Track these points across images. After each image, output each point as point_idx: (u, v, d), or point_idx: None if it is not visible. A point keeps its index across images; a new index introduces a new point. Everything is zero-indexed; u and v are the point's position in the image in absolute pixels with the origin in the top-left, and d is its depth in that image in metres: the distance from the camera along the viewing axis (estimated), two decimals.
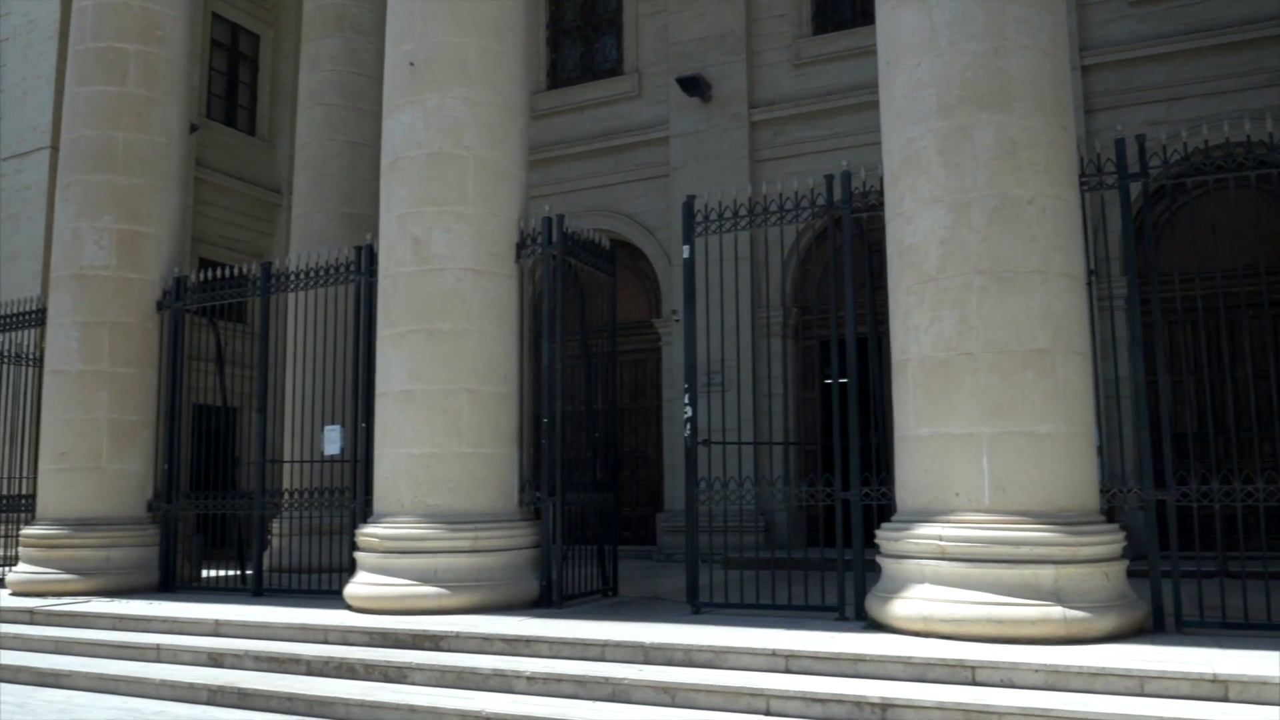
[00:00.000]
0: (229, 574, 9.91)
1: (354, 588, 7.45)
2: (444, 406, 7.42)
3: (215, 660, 6.56)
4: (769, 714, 4.95)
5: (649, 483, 13.18)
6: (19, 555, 9.32)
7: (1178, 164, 6.17)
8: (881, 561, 6.21)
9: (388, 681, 5.92)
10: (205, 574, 10.06)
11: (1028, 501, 5.67)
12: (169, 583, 9.37)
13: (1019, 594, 5.48)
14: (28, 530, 9.29)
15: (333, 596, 8.06)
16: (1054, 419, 5.75)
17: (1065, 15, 6.27)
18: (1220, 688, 4.56)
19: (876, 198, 6.80)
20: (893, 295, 6.36)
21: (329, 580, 8.55)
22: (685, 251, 7.30)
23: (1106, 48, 11.39)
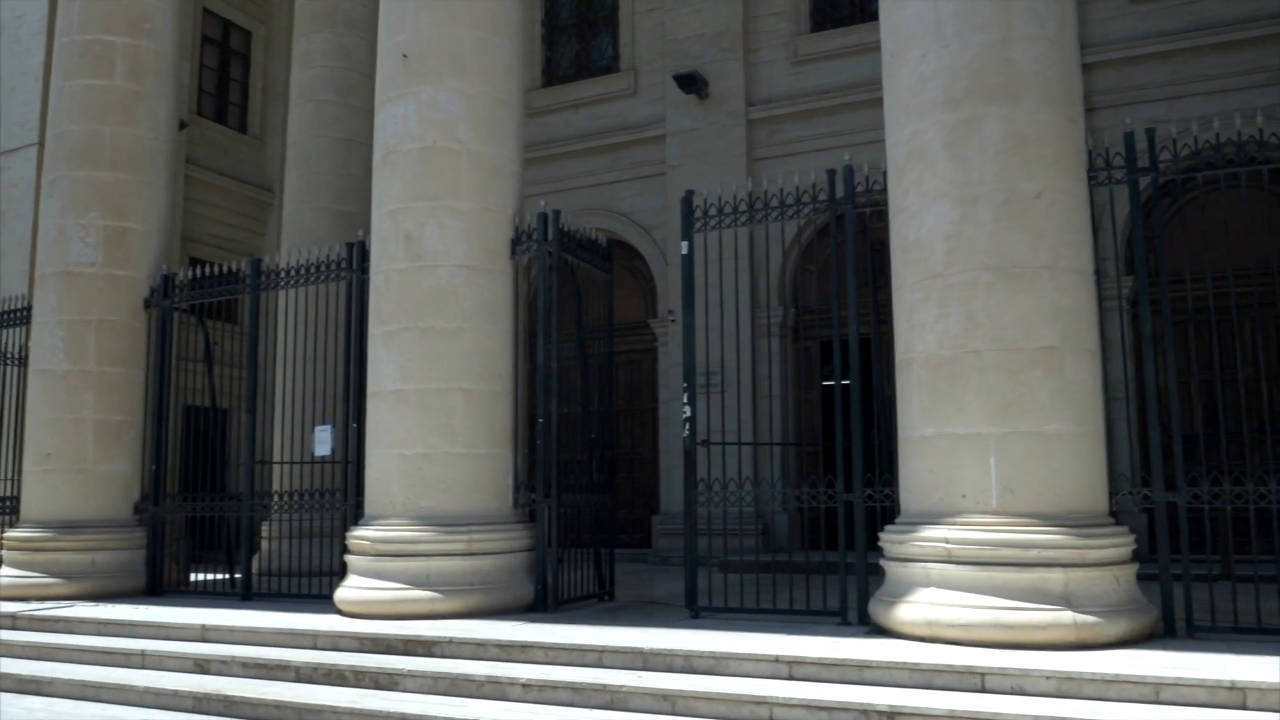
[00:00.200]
0: (218, 578, 9.71)
1: (344, 592, 7.28)
2: (437, 406, 7.25)
3: (201, 666, 6.38)
4: None
5: (645, 485, 13.03)
6: (2, 559, 9.13)
7: (1188, 158, 6.04)
8: (885, 565, 6.06)
9: (379, 689, 5.74)
10: (194, 577, 9.86)
11: (1036, 503, 5.53)
12: (156, 587, 9.18)
13: (1028, 598, 5.34)
14: (11, 533, 9.10)
15: (323, 601, 7.88)
16: (1063, 418, 5.61)
17: (1074, 5, 6.13)
18: (1238, 695, 4.42)
19: (880, 194, 6.67)
20: (897, 292, 6.22)
21: (320, 584, 8.37)
22: (684, 248, 7.15)
23: (1107, 45, 11.27)
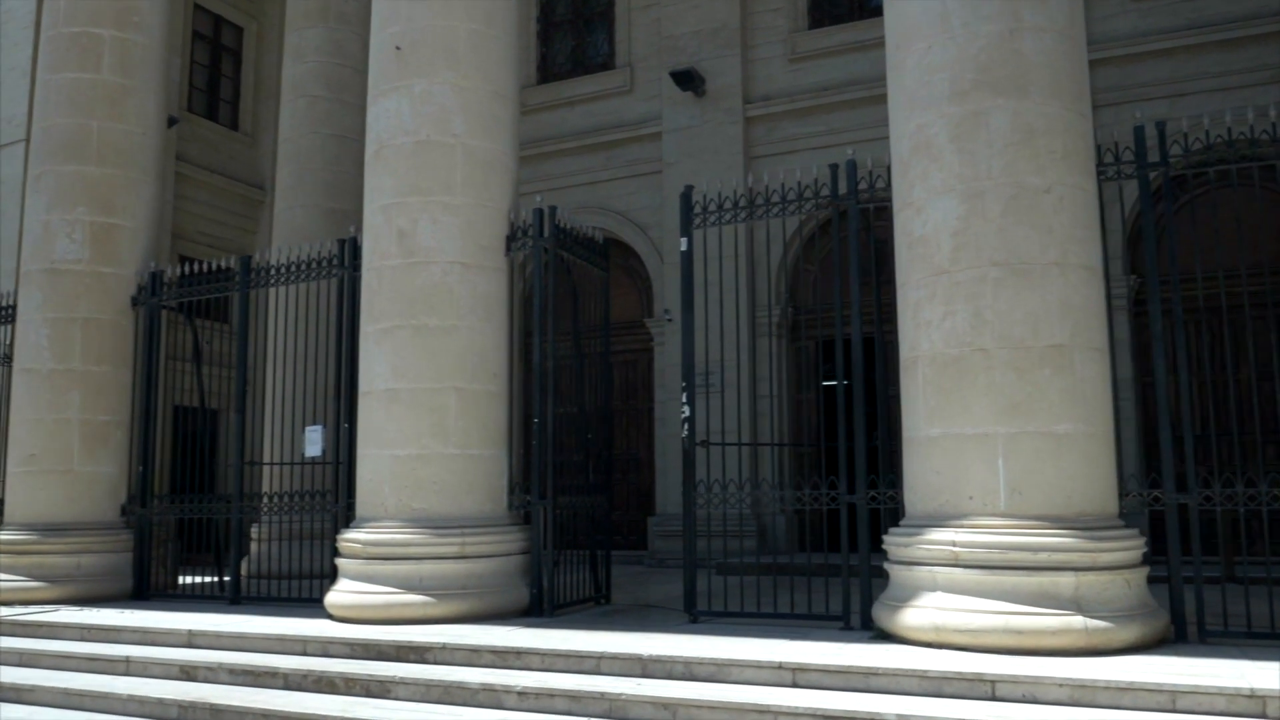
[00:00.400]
0: (207, 580, 9.52)
1: (335, 596, 7.11)
2: (430, 405, 7.09)
3: (188, 674, 6.21)
4: None
5: (640, 486, 12.88)
6: None
7: (1199, 153, 5.91)
8: (890, 568, 5.92)
9: (369, 696, 5.58)
10: (183, 580, 9.67)
11: (1046, 505, 5.40)
12: (143, 590, 9.00)
13: (1038, 603, 5.20)
14: None
15: (314, 605, 7.71)
16: (1073, 418, 5.48)
17: None
18: (1258, 704, 4.28)
19: (883, 190, 6.53)
20: (901, 289, 6.08)
21: (310, 587, 8.20)
22: (683, 244, 7.00)
23: (1109, 43, 11.16)
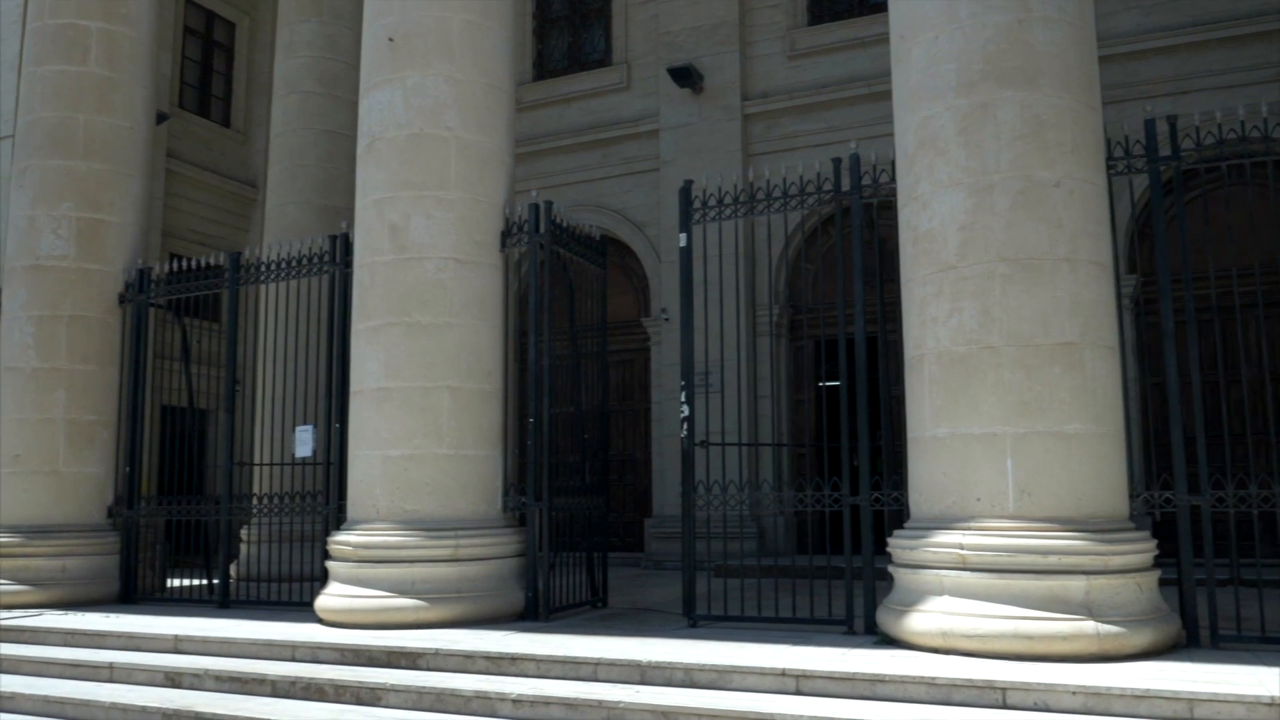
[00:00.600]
0: (196, 584, 9.34)
1: (325, 600, 6.94)
2: (423, 405, 6.93)
3: (173, 680, 6.03)
4: None
5: (637, 487, 12.72)
6: None
7: (1211, 147, 5.78)
8: (894, 572, 5.77)
9: (360, 704, 5.41)
10: (172, 584, 9.49)
11: (1055, 507, 5.25)
12: (130, 594, 8.81)
13: (1048, 607, 5.05)
14: None
15: (304, 608, 7.54)
16: (1083, 418, 5.33)
17: None
18: (1278, 711, 4.14)
19: (887, 185, 6.39)
20: (906, 286, 5.94)
21: (301, 590, 8.03)
22: (682, 239, 6.85)
23: (1112, 40, 11.02)
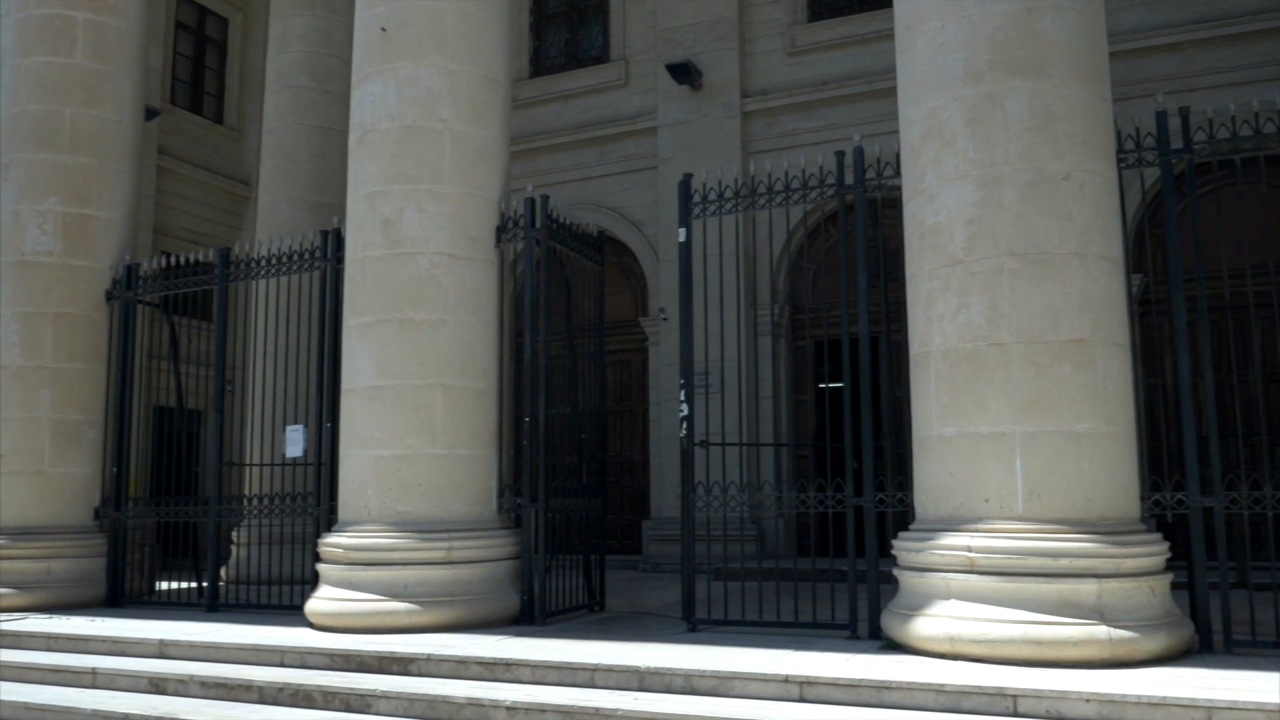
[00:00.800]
0: (186, 586, 9.16)
1: (315, 603, 6.77)
2: (416, 404, 6.76)
3: (157, 686, 5.86)
4: None
5: (635, 489, 12.56)
6: None
7: (1225, 140, 5.64)
8: (899, 575, 5.62)
9: (349, 711, 5.24)
10: (162, 586, 9.31)
11: (1066, 508, 5.10)
12: (117, 597, 8.63)
13: (1058, 611, 4.91)
14: None
15: (294, 612, 7.36)
16: (1094, 416, 5.19)
17: None
18: None
19: (891, 179, 6.24)
20: (911, 282, 5.79)
21: (292, 593, 7.84)
22: (681, 234, 6.70)
23: (1115, 36, 10.80)
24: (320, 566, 6.95)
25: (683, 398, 6.62)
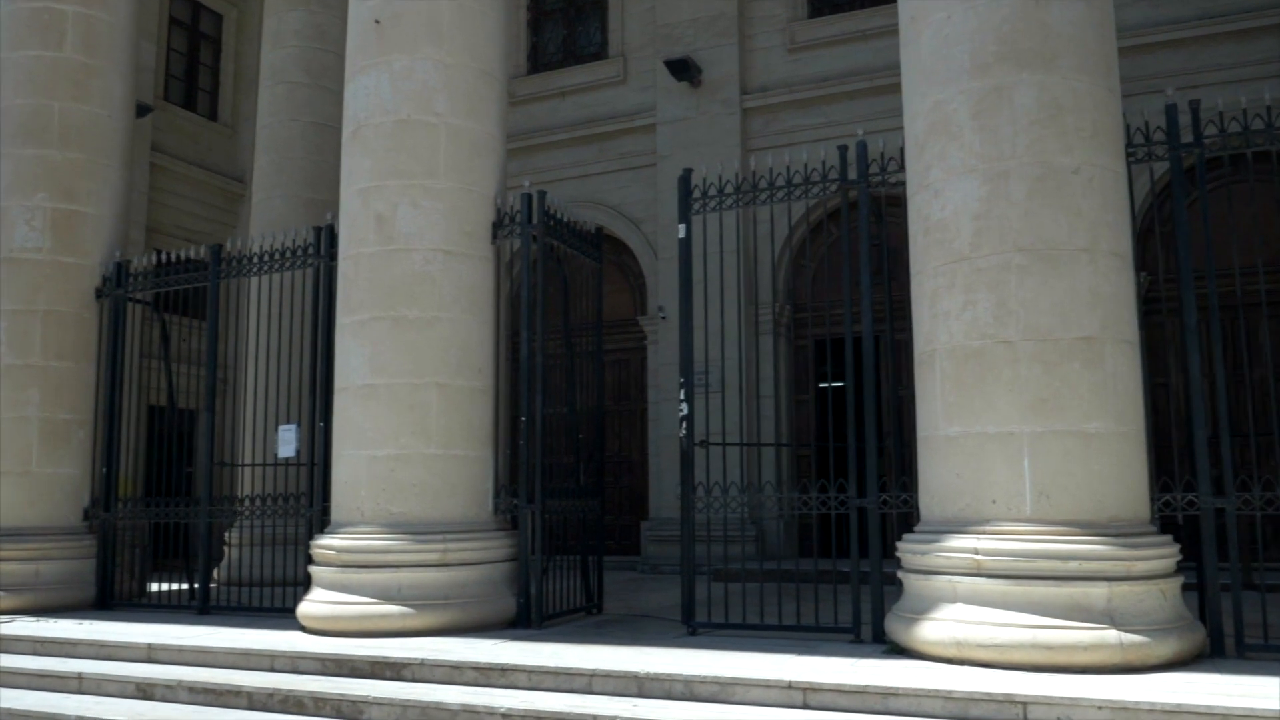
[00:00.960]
0: (179, 588, 9.02)
1: (307, 606, 6.64)
2: (410, 402, 6.63)
3: (144, 692, 5.72)
4: None
5: (633, 489, 12.43)
6: None
7: (1236, 134, 5.53)
8: (904, 578, 5.50)
9: (341, 718, 5.11)
10: (155, 588, 9.17)
11: (1075, 510, 4.99)
12: (107, 599, 8.49)
13: (1068, 615, 4.79)
14: None
15: (287, 614, 7.23)
16: (1103, 416, 5.07)
17: None
18: None
19: (895, 173, 6.12)
20: (916, 278, 5.67)
21: (285, 596, 7.71)
22: (681, 230, 6.57)
23: (1118, 33, 10.56)
24: (312, 569, 6.82)
25: (682, 396, 6.50)
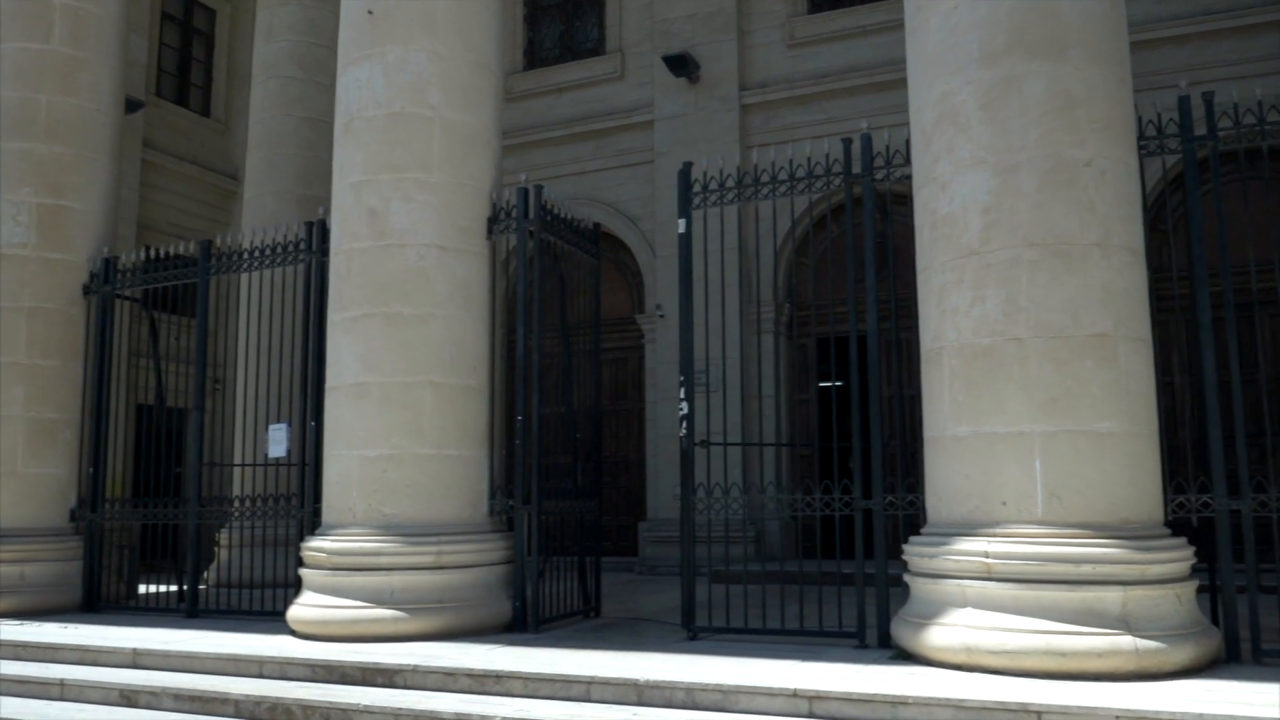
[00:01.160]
0: (168, 590, 8.84)
1: (297, 610, 6.48)
2: (403, 401, 6.48)
3: (128, 699, 5.56)
4: None
5: (631, 489, 12.27)
6: None
7: (1252, 126, 5.39)
8: (911, 581, 5.35)
9: None
10: (144, 590, 8.99)
11: (1087, 512, 4.84)
12: (94, 602, 8.32)
13: (1081, 620, 4.65)
14: None
15: (277, 618, 7.06)
16: (1116, 415, 4.93)
17: None
18: None
19: (900, 167, 5.98)
20: (923, 274, 5.53)
21: (275, 599, 7.54)
22: (681, 225, 6.43)
23: None
24: (303, 571, 6.66)
25: (682, 395, 6.35)
